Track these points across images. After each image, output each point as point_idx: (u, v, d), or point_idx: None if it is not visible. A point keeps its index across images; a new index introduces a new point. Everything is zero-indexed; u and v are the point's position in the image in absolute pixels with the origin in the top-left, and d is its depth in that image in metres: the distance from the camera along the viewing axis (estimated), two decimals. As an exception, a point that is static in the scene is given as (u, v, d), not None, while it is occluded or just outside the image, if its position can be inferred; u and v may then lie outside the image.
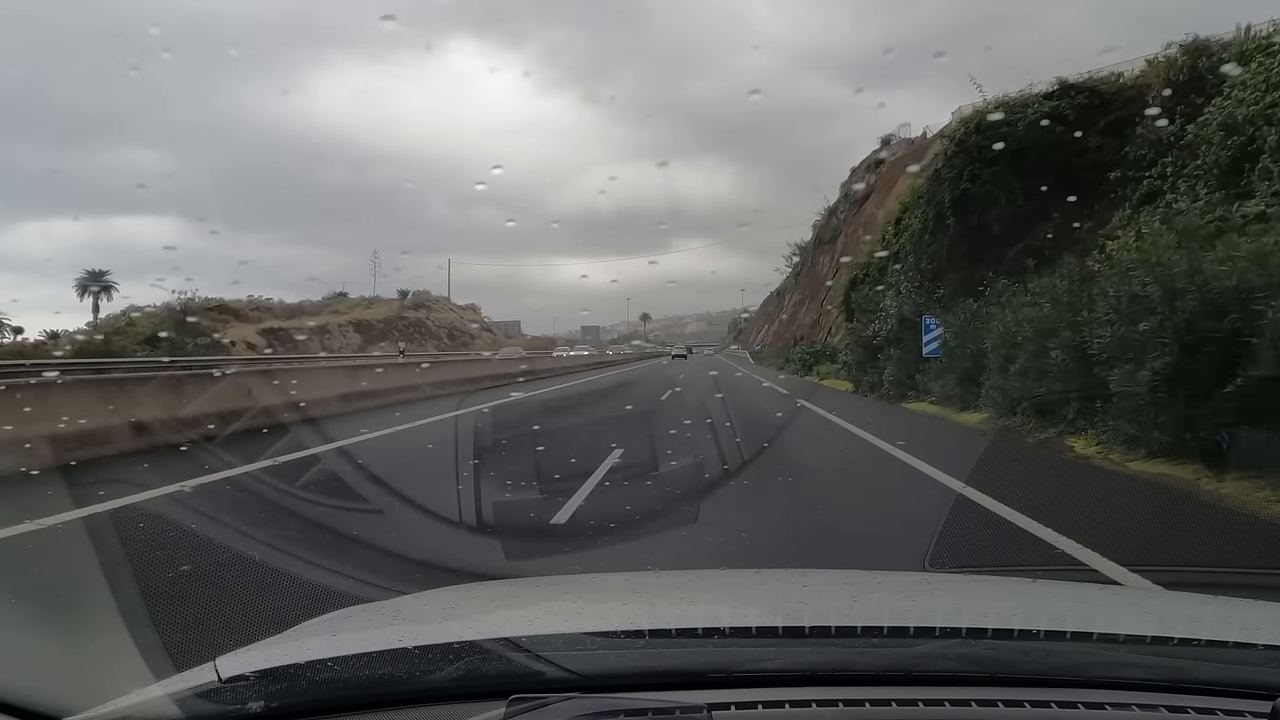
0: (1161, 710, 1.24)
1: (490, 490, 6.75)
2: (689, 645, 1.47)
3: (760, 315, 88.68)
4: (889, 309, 19.52)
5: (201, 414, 10.64)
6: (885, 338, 19.50)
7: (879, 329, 20.02)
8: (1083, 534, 5.20)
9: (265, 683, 1.32)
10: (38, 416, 8.21)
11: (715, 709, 1.21)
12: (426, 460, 9.07)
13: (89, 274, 58.38)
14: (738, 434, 10.76)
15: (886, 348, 19.39)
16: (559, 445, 9.98)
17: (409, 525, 5.76)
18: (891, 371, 18.93)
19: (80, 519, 5.59)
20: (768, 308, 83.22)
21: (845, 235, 49.25)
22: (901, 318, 18.54)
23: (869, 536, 5.62)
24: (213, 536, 5.09)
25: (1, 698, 1.46)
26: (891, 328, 18.98)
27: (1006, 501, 6.24)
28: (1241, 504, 6.59)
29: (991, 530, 5.61)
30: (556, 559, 4.92)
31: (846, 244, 46.92)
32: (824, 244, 55.85)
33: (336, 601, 3.00)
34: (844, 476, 8.59)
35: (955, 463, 8.12)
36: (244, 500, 6.59)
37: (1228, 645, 1.42)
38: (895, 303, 19.27)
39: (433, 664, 1.36)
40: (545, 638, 1.47)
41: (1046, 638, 1.47)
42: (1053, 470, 9.00)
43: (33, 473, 7.34)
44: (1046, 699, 1.27)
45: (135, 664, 2.41)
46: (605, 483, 7.32)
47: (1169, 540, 5.86)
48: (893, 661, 1.37)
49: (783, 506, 6.52)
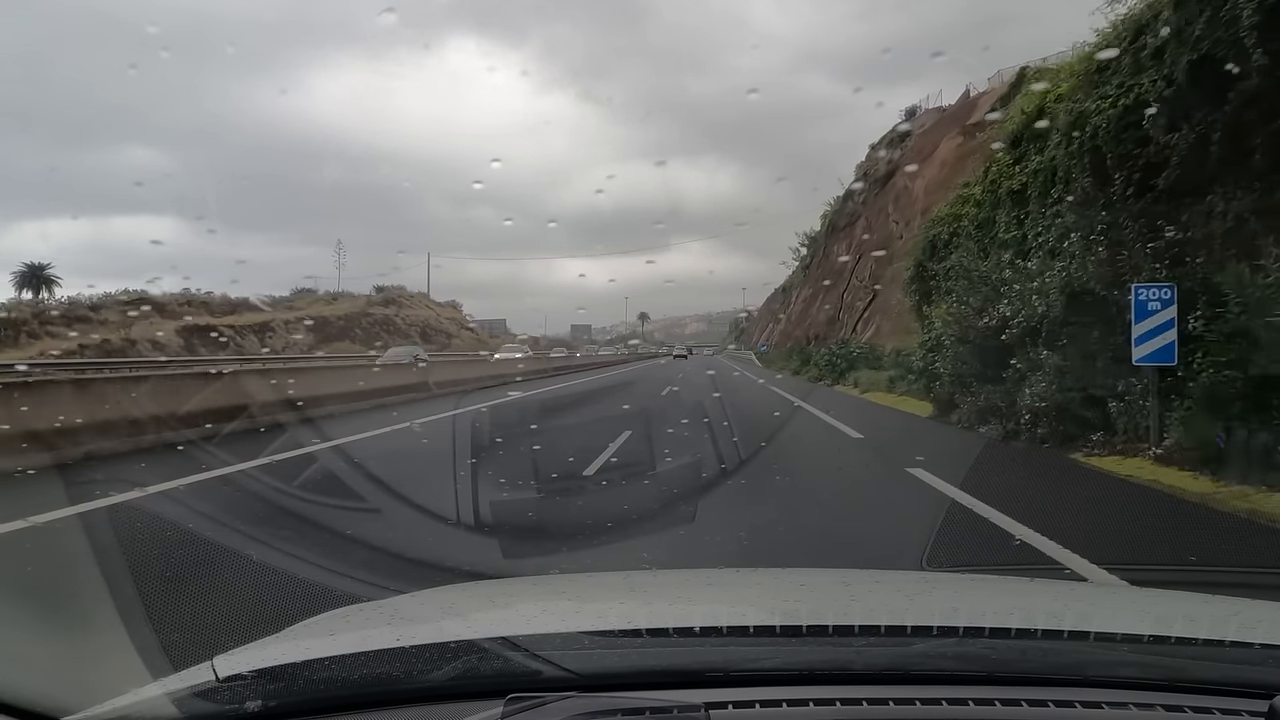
0: (1158, 709, 1.24)
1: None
2: (686, 644, 1.47)
3: (764, 314, 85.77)
4: (1033, 281, 11.39)
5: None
6: (1028, 328, 11.28)
7: (1010, 314, 11.68)
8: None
9: (263, 682, 1.32)
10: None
11: (712, 708, 1.21)
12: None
13: (28, 267, 50.92)
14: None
15: (1026, 347, 11.29)
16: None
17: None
18: (1044, 391, 10.45)
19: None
20: (772, 305, 79.31)
21: (865, 218, 44.80)
22: (1072, 291, 10.47)
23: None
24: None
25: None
26: (1044, 312, 10.89)
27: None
28: None
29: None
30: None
31: (869, 225, 42.97)
32: (839, 231, 50.48)
33: (333, 601, 3.00)
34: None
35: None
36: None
37: (1225, 644, 1.42)
38: (1053, 271, 11.08)
39: (430, 663, 1.36)
40: (543, 637, 1.47)
41: (1044, 637, 1.47)
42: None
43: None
44: (1044, 698, 1.27)
45: (132, 663, 2.40)
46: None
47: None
48: (890, 661, 1.37)
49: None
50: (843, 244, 47.21)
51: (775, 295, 78.91)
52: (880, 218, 41.87)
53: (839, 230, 50.10)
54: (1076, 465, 9.22)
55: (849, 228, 47.46)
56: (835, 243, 49.48)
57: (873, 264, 37.74)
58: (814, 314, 48.05)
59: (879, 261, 36.14)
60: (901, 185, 39.55)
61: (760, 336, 76.05)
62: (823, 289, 47.23)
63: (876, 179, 44.23)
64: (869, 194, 44.91)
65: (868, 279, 37.71)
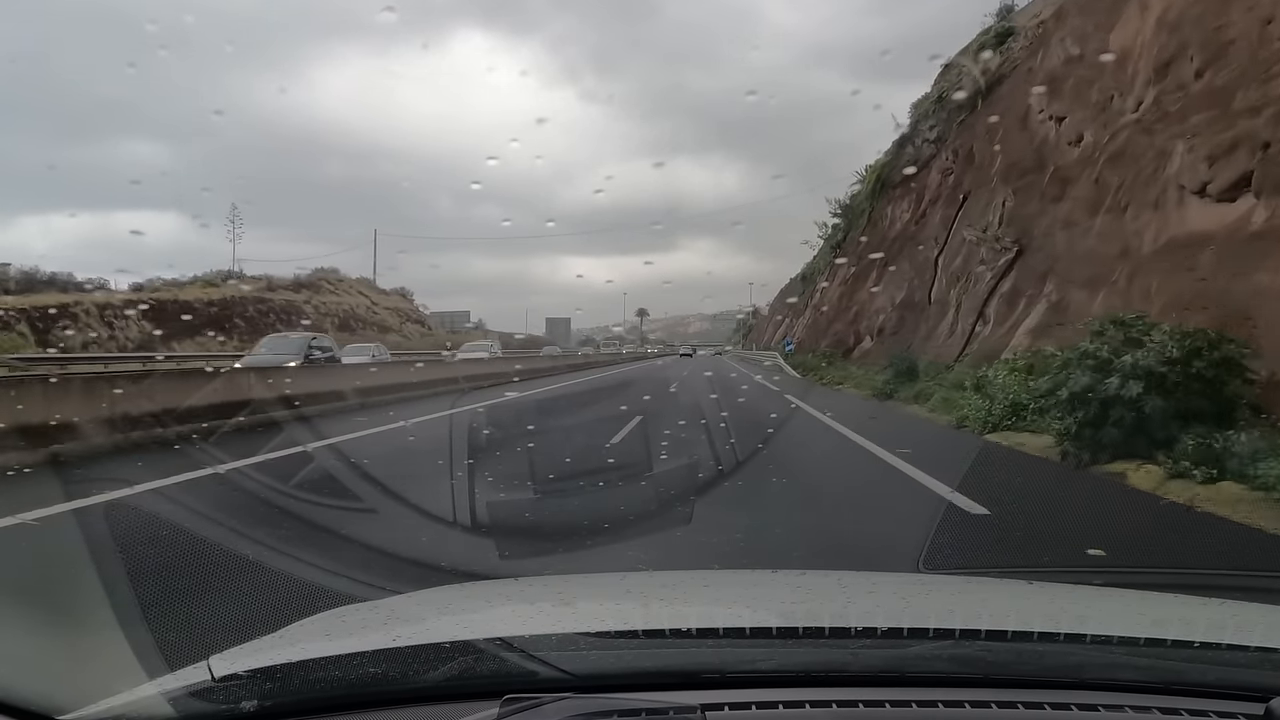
0: (1155, 712, 1.24)
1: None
2: (683, 646, 1.47)
3: (777, 309, 73.59)
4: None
5: None
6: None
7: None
8: None
9: (258, 682, 1.32)
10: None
11: (709, 709, 1.21)
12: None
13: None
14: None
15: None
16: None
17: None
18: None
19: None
20: (787, 298, 65.90)
21: (953, 150, 28.02)
22: None
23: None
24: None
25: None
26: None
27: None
28: None
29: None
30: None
31: (962, 157, 26.30)
32: (893, 189, 36.04)
33: (330, 600, 2.99)
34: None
35: None
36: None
37: (1221, 647, 1.42)
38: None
39: (426, 664, 1.36)
40: (539, 638, 1.47)
41: (1040, 639, 1.48)
42: None
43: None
44: (1040, 700, 1.27)
45: (128, 662, 2.40)
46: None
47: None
48: (886, 662, 1.37)
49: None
50: (904, 201, 33.46)
51: (791, 287, 67.38)
52: (985, 142, 24.51)
53: (894, 187, 36.28)
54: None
55: (915, 178, 32.26)
56: (889, 203, 36.57)
57: (1008, 199, 21.12)
58: (864, 300, 33.71)
59: (1022, 193, 20.38)
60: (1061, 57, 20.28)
61: (774, 335, 64.84)
62: (875, 265, 34.06)
63: (968, 97, 28.50)
64: (950, 122, 30.20)
65: (998, 226, 21.20)
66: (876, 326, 30.58)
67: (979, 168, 24.77)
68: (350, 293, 60.27)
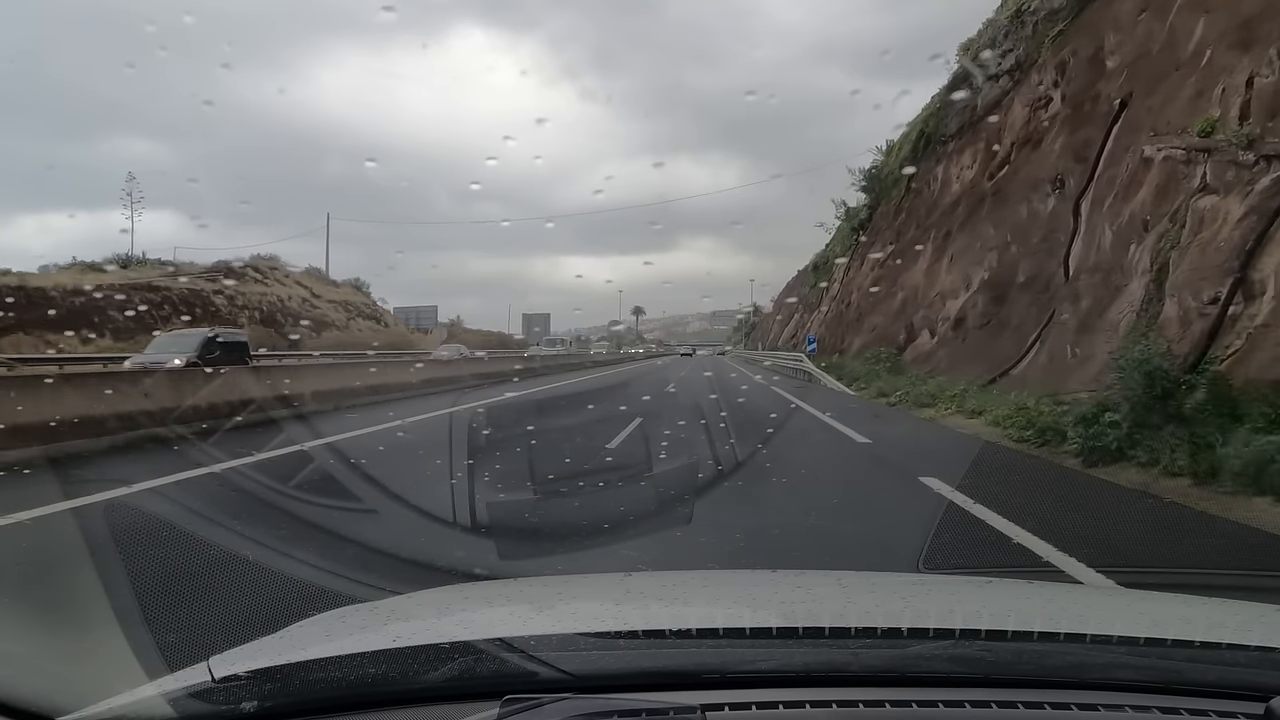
0: (1154, 711, 1.25)
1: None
2: (683, 646, 1.47)
3: (782, 306, 68.82)
4: None
5: None
6: None
7: None
8: None
9: (258, 682, 1.32)
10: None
11: (709, 710, 1.21)
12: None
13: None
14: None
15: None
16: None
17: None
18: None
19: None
20: (800, 290, 59.70)
21: (1063, 57, 19.43)
22: None
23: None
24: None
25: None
26: None
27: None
28: None
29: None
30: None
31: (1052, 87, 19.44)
32: (941, 144, 29.00)
33: (330, 601, 2.99)
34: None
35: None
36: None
37: (1221, 647, 1.42)
38: None
39: (426, 664, 1.36)
40: (539, 638, 1.47)
41: (1040, 639, 1.48)
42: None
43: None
44: (1040, 700, 1.27)
45: (128, 663, 2.40)
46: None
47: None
48: (886, 662, 1.37)
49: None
50: (966, 154, 25.95)
51: (798, 281, 62.50)
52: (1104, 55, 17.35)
53: (944, 141, 28.93)
54: None
55: (979, 124, 25.12)
56: (938, 162, 28.94)
57: (1260, 72, 11.12)
58: (917, 284, 26.20)
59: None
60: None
61: (780, 333, 60.19)
62: (927, 239, 26.76)
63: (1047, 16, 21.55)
64: (1039, 38, 21.71)
65: (1239, 124, 11.31)
66: (945, 316, 22.75)
67: (1147, 55, 15.41)
68: (286, 283, 51.54)
